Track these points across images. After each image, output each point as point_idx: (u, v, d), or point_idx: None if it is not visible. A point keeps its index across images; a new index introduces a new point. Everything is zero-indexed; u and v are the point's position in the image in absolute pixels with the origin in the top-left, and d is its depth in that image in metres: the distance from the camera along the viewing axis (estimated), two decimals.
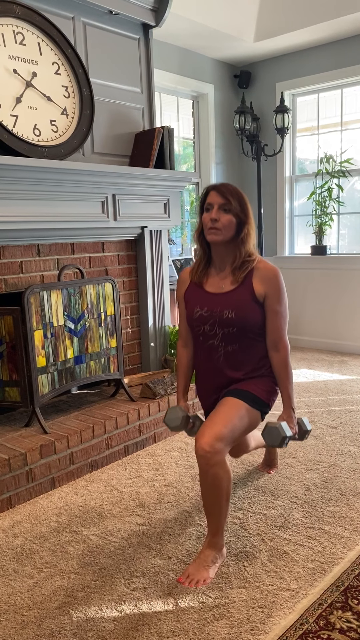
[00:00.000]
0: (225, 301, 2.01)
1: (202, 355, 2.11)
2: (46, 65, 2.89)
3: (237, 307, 2.00)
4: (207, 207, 2.00)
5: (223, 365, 2.06)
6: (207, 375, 2.13)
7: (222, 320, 2.01)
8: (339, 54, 4.80)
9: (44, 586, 1.90)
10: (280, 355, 2.05)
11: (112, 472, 2.79)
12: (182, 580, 1.88)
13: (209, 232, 1.99)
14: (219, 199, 1.98)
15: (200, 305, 2.05)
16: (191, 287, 2.12)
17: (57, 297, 2.84)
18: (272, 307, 2.02)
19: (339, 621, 1.67)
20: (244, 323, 2.00)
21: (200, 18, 4.20)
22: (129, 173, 3.15)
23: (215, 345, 2.05)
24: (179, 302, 2.18)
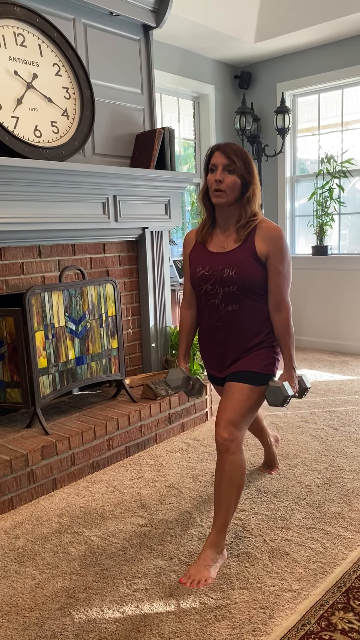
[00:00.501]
0: (226, 259, 2.00)
1: (204, 315, 2.10)
2: (47, 66, 2.89)
3: (238, 265, 1.98)
4: (211, 168, 1.97)
5: (224, 324, 2.04)
6: (209, 335, 2.11)
7: (223, 278, 1.99)
8: (339, 54, 4.80)
9: (46, 587, 1.90)
10: (283, 315, 2.03)
11: (113, 473, 2.79)
12: (184, 581, 1.89)
13: (214, 194, 1.96)
14: (223, 159, 1.95)
15: (203, 265, 2.04)
16: (196, 247, 2.11)
17: (58, 298, 2.84)
18: (274, 266, 1.99)
19: (341, 622, 1.67)
20: (244, 281, 1.97)
21: (201, 19, 4.20)
22: (130, 174, 3.15)
23: (216, 304, 2.03)
24: (184, 263, 2.19)
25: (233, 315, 2.03)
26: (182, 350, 2.23)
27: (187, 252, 2.15)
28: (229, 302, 2.02)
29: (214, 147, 2.00)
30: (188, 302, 2.20)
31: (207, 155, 2.00)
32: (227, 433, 1.92)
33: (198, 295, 2.10)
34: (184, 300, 2.21)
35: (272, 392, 2.00)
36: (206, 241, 2.07)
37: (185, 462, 2.86)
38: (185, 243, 2.17)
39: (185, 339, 2.23)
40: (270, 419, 3.42)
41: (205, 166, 2.01)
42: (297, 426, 3.30)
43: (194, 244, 2.13)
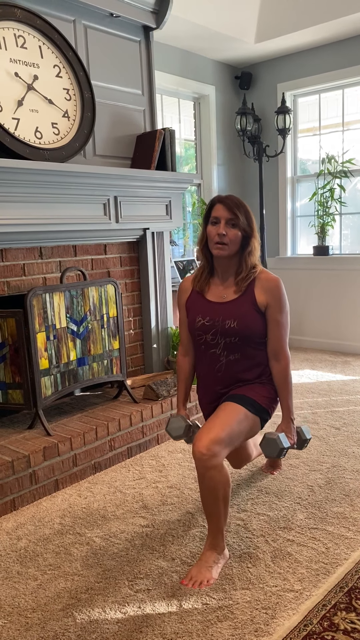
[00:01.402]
0: (227, 310, 2.03)
1: (204, 364, 2.12)
2: (47, 68, 2.90)
3: (240, 316, 2.01)
4: (213, 221, 2.01)
5: (225, 374, 2.07)
6: (208, 384, 2.14)
7: (225, 329, 2.02)
8: (340, 54, 4.80)
9: (48, 588, 1.90)
10: (281, 365, 2.07)
11: (115, 474, 2.79)
12: (185, 583, 1.88)
13: (215, 246, 2.00)
14: (226, 213, 1.99)
15: (202, 314, 2.06)
16: (193, 295, 2.13)
17: (59, 299, 2.85)
18: (273, 316, 2.03)
19: (343, 622, 1.66)
20: (246, 332, 2.01)
21: (201, 20, 4.21)
22: (131, 175, 3.16)
23: (217, 354, 2.06)
24: (179, 311, 2.20)
25: (234, 364, 2.06)
26: (181, 397, 2.24)
27: (183, 299, 2.17)
28: (230, 351, 2.04)
29: (216, 199, 2.03)
30: (185, 349, 2.21)
31: (208, 207, 2.04)
32: (206, 449, 1.85)
33: (197, 344, 2.11)
34: (181, 346, 2.22)
35: (268, 443, 2.00)
36: (204, 290, 2.10)
37: (187, 462, 2.86)
38: (182, 290, 2.18)
39: (184, 385, 2.23)
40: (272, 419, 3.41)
41: (206, 217, 2.04)
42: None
43: (190, 291, 2.14)
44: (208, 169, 5.26)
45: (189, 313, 2.12)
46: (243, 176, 5.62)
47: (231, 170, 5.49)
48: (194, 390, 3.12)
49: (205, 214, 2.06)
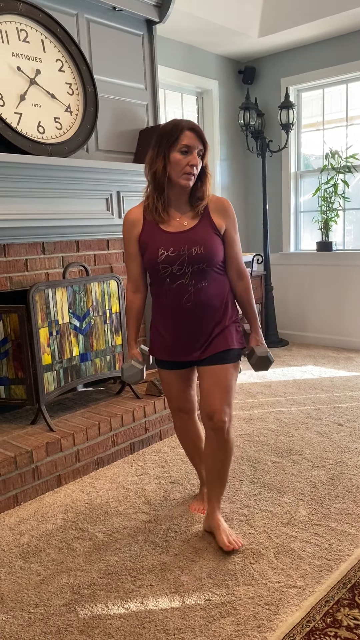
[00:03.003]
0: (191, 238, 1.96)
1: (170, 297, 2.00)
2: (50, 62, 2.89)
3: (204, 241, 1.96)
4: (183, 150, 1.89)
5: (195, 303, 1.99)
6: (174, 319, 2.02)
7: (192, 257, 1.95)
8: (343, 48, 4.77)
9: (51, 583, 1.91)
10: (244, 282, 2.09)
11: (118, 469, 2.79)
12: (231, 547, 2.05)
13: (185, 177, 1.91)
14: (197, 143, 1.91)
15: (165, 246, 1.95)
16: (147, 227, 2.00)
17: (62, 294, 2.84)
18: (231, 236, 2.04)
19: (346, 618, 1.66)
20: (212, 256, 1.97)
21: (204, 14, 4.18)
22: (134, 170, 3.14)
23: (185, 284, 1.98)
24: (128, 245, 2.06)
25: (203, 291, 1.99)
26: (133, 335, 2.18)
27: (133, 233, 2.02)
28: (198, 279, 1.98)
29: (185, 124, 1.90)
30: (135, 285, 2.11)
31: (174, 132, 1.89)
32: (225, 415, 2.00)
33: (159, 279, 2.00)
34: (130, 283, 2.12)
35: (261, 362, 2.12)
36: (160, 221, 1.98)
37: None
38: (129, 223, 2.03)
39: (135, 323, 2.16)
40: (274, 415, 3.41)
41: (171, 142, 1.89)
42: (301, 422, 3.29)
43: (142, 224, 2.00)
44: (211, 164, 5.23)
45: (147, 247, 1.99)
46: (246, 171, 5.60)
47: (234, 166, 5.47)
48: None
49: (168, 138, 1.89)
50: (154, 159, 1.93)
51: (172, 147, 1.89)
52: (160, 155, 1.91)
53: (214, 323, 2.02)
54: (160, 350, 2.12)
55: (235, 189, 5.52)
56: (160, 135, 1.92)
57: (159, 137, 1.92)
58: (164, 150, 1.90)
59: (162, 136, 1.91)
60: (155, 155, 1.93)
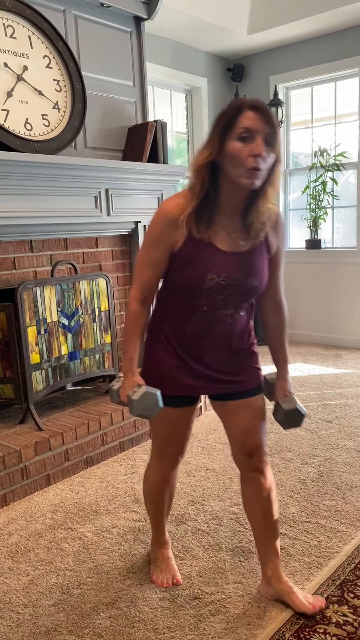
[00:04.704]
0: (248, 264, 1.54)
1: (198, 326, 1.59)
2: (37, 58, 2.86)
3: (261, 270, 1.57)
4: (243, 134, 1.39)
5: (228, 334, 1.62)
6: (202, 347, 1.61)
7: (245, 289, 1.56)
8: (332, 46, 4.78)
9: (40, 584, 1.89)
10: (280, 316, 1.73)
11: (107, 468, 2.78)
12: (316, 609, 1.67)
13: (248, 173, 1.40)
14: (264, 125, 1.39)
15: (217, 271, 1.51)
16: (192, 239, 1.50)
17: (50, 293, 2.82)
18: (278, 260, 1.65)
19: (335, 615, 1.67)
20: (263, 288, 1.62)
21: (193, 11, 4.17)
22: (122, 167, 3.13)
23: (223, 314, 1.58)
24: (153, 246, 1.54)
25: (239, 322, 1.64)
26: (135, 356, 1.61)
27: (170, 237, 1.51)
28: (237, 309, 1.61)
29: (247, 103, 1.41)
30: (144, 296, 1.59)
31: (232, 112, 1.41)
32: (264, 457, 1.71)
33: (190, 304, 1.57)
34: (139, 292, 1.59)
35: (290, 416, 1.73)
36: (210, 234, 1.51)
37: None
38: (169, 221, 1.50)
39: (139, 341, 1.62)
40: None
41: (226, 126, 1.41)
42: None
43: (187, 229, 1.50)
44: None
45: (189, 266, 1.51)
46: None
47: None
48: None
49: (223, 121, 1.41)
50: (211, 150, 1.44)
51: (228, 132, 1.40)
52: (211, 145, 1.44)
53: (244, 351, 1.68)
54: (173, 382, 1.64)
55: None
56: (215, 118, 1.45)
57: (213, 122, 1.45)
58: (219, 137, 1.42)
59: (216, 119, 1.44)
60: (206, 146, 1.45)
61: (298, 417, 1.73)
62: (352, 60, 4.71)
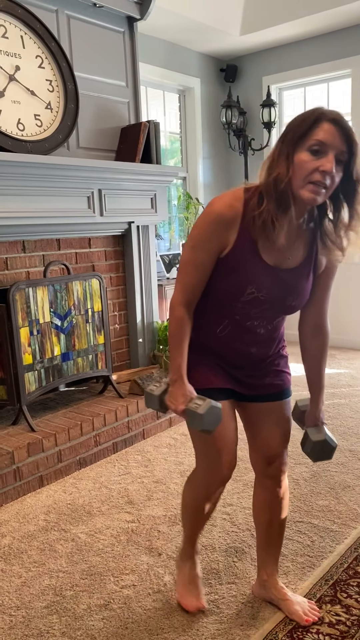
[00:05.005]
0: (291, 282, 1.47)
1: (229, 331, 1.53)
2: (29, 58, 2.85)
3: (303, 290, 1.50)
4: (315, 147, 1.30)
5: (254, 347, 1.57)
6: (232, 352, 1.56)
7: (283, 307, 1.51)
8: (325, 47, 4.79)
9: (32, 585, 1.89)
10: (322, 340, 1.64)
11: (100, 469, 2.77)
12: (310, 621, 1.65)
13: (310, 187, 1.31)
14: (339, 142, 1.31)
15: (257, 285, 1.43)
16: (242, 242, 1.40)
17: (43, 293, 2.81)
18: (326, 281, 1.57)
19: (328, 615, 1.67)
20: (301, 307, 1.57)
21: (186, 11, 4.17)
22: (115, 168, 3.12)
23: (255, 325, 1.53)
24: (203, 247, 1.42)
25: (271, 332, 1.58)
26: (184, 364, 1.50)
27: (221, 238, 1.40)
28: (269, 323, 1.55)
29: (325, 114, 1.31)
30: (189, 300, 1.49)
31: (309, 122, 1.31)
32: (286, 459, 1.66)
33: (225, 312, 1.51)
34: (184, 294, 1.48)
35: (320, 448, 1.63)
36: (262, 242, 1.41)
37: (173, 457, 2.86)
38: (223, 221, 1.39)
39: (186, 348, 1.51)
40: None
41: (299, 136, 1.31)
42: None
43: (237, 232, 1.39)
44: (193, 162, 5.23)
45: (232, 274, 1.43)
46: (228, 169, 5.60)
47: (216, 164, 5.46)
48: None
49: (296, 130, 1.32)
50: (274, 159, 1.35)
51: (300, 142, 1.31)
52: (283, 154, 1.33)
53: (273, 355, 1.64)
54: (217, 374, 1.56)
55: (218, 187, 5.51)
56: (288, 127, 1.35)
57: (286, 130, 1.35)
58: (289, 148, 1.32)
59: (289, 128, 1.34)
60: (277, 154, 1.35)
61: (328, 450, 1.62)
62: (345, 61, 4.72)
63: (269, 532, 1.72)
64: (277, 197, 1.33)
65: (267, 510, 1.70)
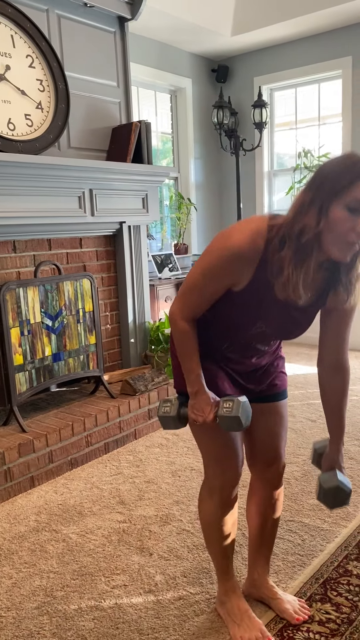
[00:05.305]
0: (300, 319, 1.46)
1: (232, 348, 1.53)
2: (20, 58, 2.84)
3: (308, 323, 1.49)
4: (353, 205, 1.21)
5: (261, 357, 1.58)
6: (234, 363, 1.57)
7: (287, 337, 1.52)
8: (315, 48, 4.81)
9: (23, 586, 1.88)
10: (343, 378, 1.53)
11: (92, 469, 2.77)
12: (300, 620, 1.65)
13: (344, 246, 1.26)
14: None
15: (267, 321, 1.43)
16: (257, 280, 1.35)
17: (33, 294, 2.80)
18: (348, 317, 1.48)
19: (318, 613, 1.68)
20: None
21: (177, 12, 4.17)
22: (106, 168, 3.12)
23: (258, 348, 1.54)
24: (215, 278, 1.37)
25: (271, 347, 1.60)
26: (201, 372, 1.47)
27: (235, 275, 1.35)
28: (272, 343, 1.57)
29: None
30: (191, 317, 1.46)
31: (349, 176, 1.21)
32: (284, 463, 1.67)
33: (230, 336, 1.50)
34: (185, 312, 1.45)
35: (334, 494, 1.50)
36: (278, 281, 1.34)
37: (165, 457, 2.86)
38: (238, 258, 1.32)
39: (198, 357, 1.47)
40: None
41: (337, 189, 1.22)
42: None
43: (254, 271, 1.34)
44: (185, 163, 5.23)
45: (242, 308, 1.41)
46: (220, 170, 5.61)
47: (208, 164, 5.47)
48: None
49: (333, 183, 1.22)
50: (304, 205, 1.26)
51: (337, 197, 1.22)
52: (315, 205, 1.24)
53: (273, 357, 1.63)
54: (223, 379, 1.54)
55: (209, 187, 5.52)
56: (323, 174, 1.25)
57: (320, 177, 1.26)
58: (323, 200, 1.23)
59: (325, 177, 1.24)
60: (309, 202, 1.26)
61: (342, 496, 1.50)
62: (335, 62, 4.74)
63: (262, 532, 1.72)
64: (298, 247, 1.27)
65: (262, 511, 1.70)
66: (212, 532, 1.63)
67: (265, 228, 1.32)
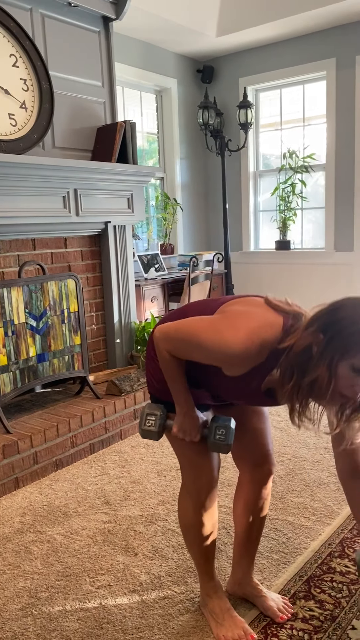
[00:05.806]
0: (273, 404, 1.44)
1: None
2: (3, 57, 2.83)
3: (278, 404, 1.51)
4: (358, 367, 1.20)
5: None
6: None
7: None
8: (300, 50, 4.85)
9: (7, 588, 1.87)
10: None
11: (77, 470, 2.76)
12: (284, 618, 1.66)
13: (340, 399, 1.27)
14: None
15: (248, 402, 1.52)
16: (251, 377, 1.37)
17: (17, 294, 2.79)
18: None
19: (302, 610, 1.69)
20: None
21: (162, 12, 4.18)
22: (91, 167, 3.11)
23: None
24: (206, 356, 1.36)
25: None
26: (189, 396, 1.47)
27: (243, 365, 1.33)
28: None
29: None
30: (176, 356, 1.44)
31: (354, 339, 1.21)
32: (273, 467, 1.69)
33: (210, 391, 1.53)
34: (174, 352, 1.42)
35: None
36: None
37: (150, 457, 2.86)
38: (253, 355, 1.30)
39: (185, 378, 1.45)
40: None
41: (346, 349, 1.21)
42: None
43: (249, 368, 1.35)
44: (171, 163, 5.24)
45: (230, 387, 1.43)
46: (206, 170, 5.62)
47: (194, 164, 5.48)
48: None
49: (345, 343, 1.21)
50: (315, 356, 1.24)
51: (345, 357, 1.21)
52: (325, 358, 1.23)
53: None
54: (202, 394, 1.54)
55: (195, 188, 5.53)
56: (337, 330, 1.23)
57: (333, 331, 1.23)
58: (333, 356, 1.22)
59: (338, 334, 1.22)
60: (319, 354, 1.23)
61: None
62: (320, 63, 4.78)
63: (249, 531, 1.72)
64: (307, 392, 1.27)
65: (250, 510, 1.70)
66: (192, 534, 1.64)
67: (277, 339, 1.30)
